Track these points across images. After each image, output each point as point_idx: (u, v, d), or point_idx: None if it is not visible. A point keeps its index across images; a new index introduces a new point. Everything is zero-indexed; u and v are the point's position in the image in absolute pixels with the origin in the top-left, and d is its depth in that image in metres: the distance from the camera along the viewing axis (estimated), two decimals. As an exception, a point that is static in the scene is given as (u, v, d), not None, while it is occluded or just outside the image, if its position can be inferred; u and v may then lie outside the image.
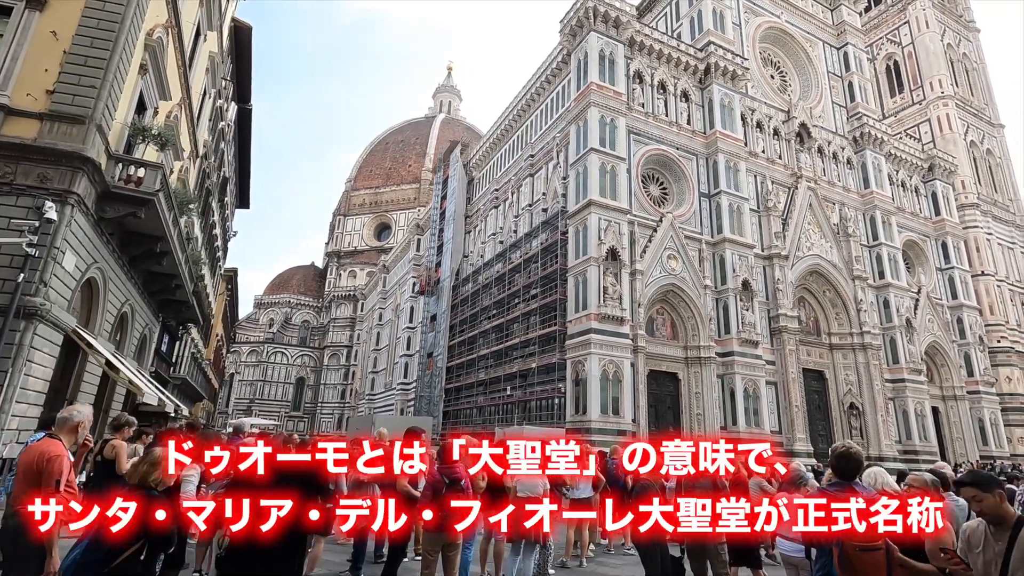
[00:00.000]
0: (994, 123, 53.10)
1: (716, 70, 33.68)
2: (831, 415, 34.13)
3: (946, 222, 42.90)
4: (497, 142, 43.12)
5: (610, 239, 27.15)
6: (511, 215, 38.26)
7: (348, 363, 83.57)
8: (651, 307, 29.40)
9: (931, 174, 44.12)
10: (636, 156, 30.72)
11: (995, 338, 42.91)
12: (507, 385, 32.34)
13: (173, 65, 15.50)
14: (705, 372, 28.88)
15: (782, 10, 40.64)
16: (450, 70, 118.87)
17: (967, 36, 55.38)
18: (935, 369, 39.39)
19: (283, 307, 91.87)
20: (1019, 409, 41.47)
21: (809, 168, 36.77)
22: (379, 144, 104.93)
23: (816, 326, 35.77)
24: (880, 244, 37.83)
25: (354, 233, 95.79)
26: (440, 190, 50.41)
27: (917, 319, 37.75)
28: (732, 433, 27.86)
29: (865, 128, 39.79)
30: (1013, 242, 48.73)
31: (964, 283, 42.05)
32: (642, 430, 26.23)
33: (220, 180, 28.69)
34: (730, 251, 30.77)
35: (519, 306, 32.99)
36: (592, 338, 25.52)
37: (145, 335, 18.42)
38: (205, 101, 21.50)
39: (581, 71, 30.56)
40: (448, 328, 42.90)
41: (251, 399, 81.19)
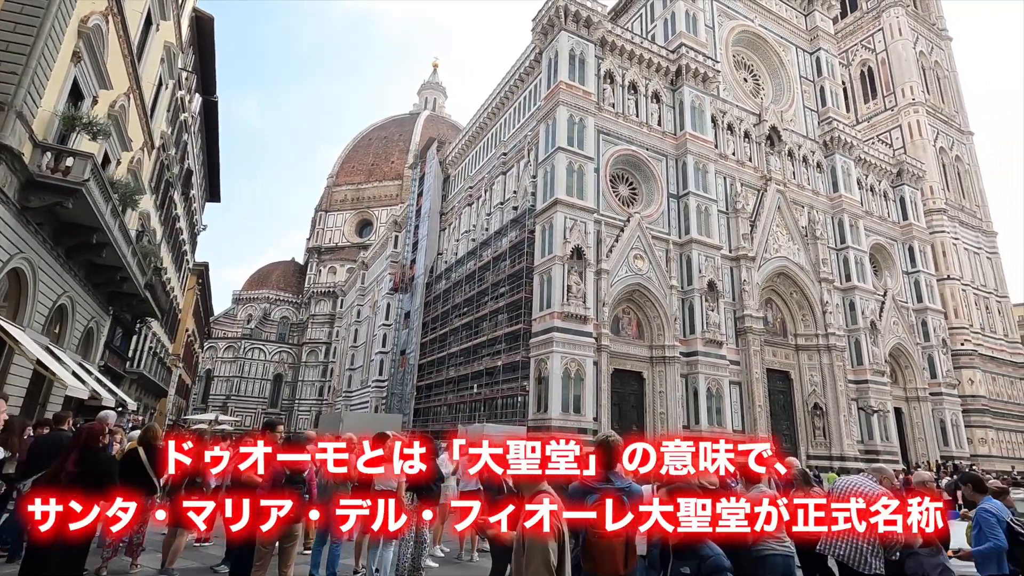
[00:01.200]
0: (963, 130, 54.11)
1: (687, 72, 33.91)
2: (795, 415, 34.59)
3: (913, 226, 43.65)
4: (472, 140, 43.06)
5: (575, 238, 27.23)
6: (483, 213, 38.25)
7: (327, 360, 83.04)
8: (617, 306, 29.55)
9: (900, 179, 44.86)
10: (605, 156, 30.84)
11: (959, 341, 43.80)
12: (474, 383, 32.32)
13: (117, 53, 15.22)
14: (669, 371, 29.09)
15: (756, 14, 41.04)
16: (435, 67, 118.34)
17: (939, 44, 56.37)
18: (899, 371, 40.09)
19: (262, 303, 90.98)
20: (980, 411, 42.38)
21: (779, 171, 37.20)
22: (362, 140, 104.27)
23: (783, 327, 36.22)
24: (847, 247, 38.39)
25: (335, 229, 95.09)
26: (417, 187, 50.24)
27: (882, 322, 38.37)
28: (694, 432, 28.12)
29: (835, 132, 40.32)
30: (979, 247, 49.75)
31: (929, 287, 42.83)
32: (604, 429, 26.35)
33: (183, 172, 28.29)
34: (697, 252, 31.03)
35: (488, 304, 33.00)
36: (555, 336, 25.59)
37: (92, 328, 18.10)
38: (161, 92, 21.15)
39: (551, 70, 30.62)
40: (421, 326, 42.78)
41: (227, 395, 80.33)
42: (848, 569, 4.81)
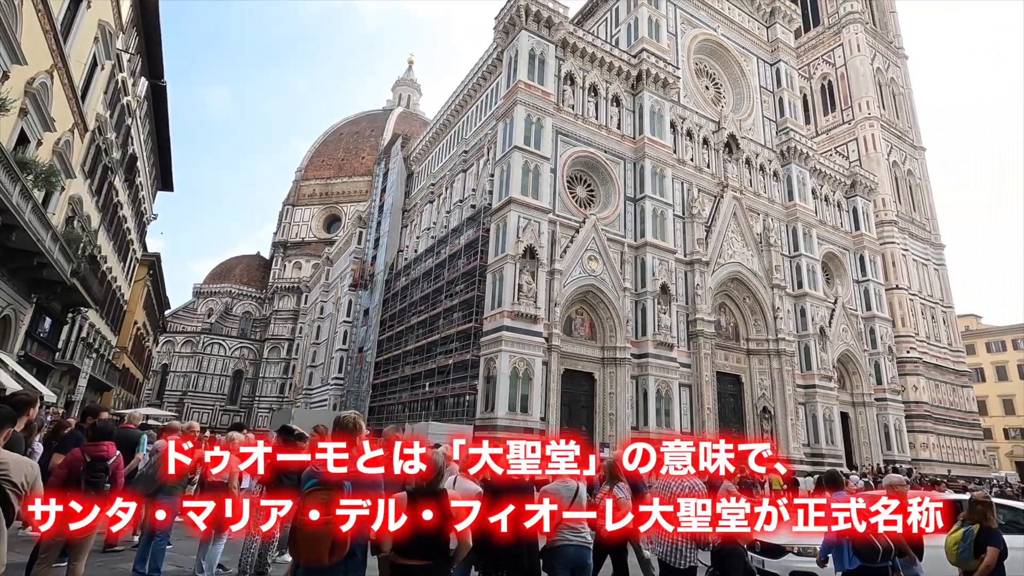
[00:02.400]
0: (916, 145, 56.05)
1: (648, 77, 34.27)
2: (745, 418, 35.23)
3: (864, 237, 44.98)
4: (436, 137, 42.75)
5: (528, 237, 27.21)
6: (444, 210, 38.00)
7: (289, 357, 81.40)
8: (570, 307, 29.63)
9: (853, 190, 46.19)
10: (563, 157, 30.92)
11: (905, 349, 45.29)
12: (427, 381, 32.01)
13: (36, 29, 14.57)
14: (620, 373, 29.30)
15: (719, 24, 41.77)
16: (411, 63, 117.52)
17: (896, 62, 58.31)
18: (847, 376, 41.23)
19: (224, 297, 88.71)
20: (923, 416, 43.87)
21: (736, 178, 37.88)
22: (333, 134, 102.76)
23: (736, 331, 36.87)
24: (800, 255, 39.31)
25: (302, 224, 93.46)
26: (380, 183, 49.65)
27: (832, 328, 39.40)
28: (643, 433, 28.37)
29: (792, 143, 41.29)
30: (927, 259, 51.56)
31: (878, 295, 44.18)
32: (552, 429, 26.38)
33: (126, 158, 27.29)
34: (651, 255, 31.34)
35: (443, 302, 32.75)
36: (504, 335, 25.50)
37: (8, 316, 17.26)
38: (97, 72, 20.36)
39: (511, 69, 30.56)
40: (379, 323, 42.23)
41: (184, 391, 78.13)
42: (667, 566, 4.90)
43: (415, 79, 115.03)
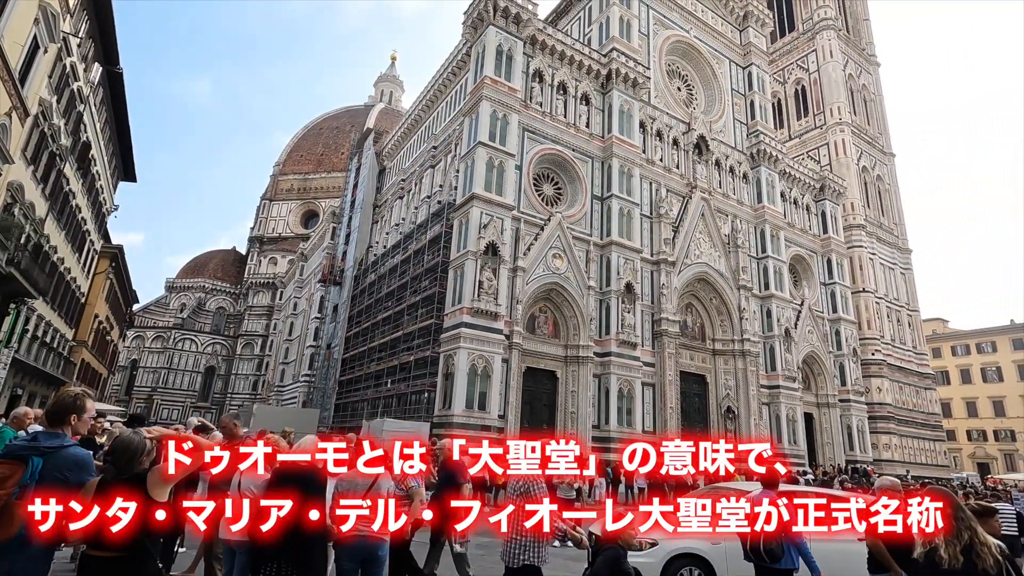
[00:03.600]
0: (886, 152, 56.99)
1: (617, 76, 34.28)
2: (710, 418, 35.43)
3: (832, 240, 45.56)
4: (408, 132, 42.40)
5: (490, 234, 27.01)
6: (412, 206, 37.68)
7: (263, 353, 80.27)
8: (533, 305, 29.52)
9: (822, 194, 46.76)
10: (529, 154, 30.79)
11: (870, 351, 45.99)
12: (389, 378, 31.67)
13: (-41, 5, 14.01)
14: (582, 371, 29.25)
15: (692, 26, 41.98)
16: (394, 59, 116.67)
17: (868, 69, 59.24)
18: (812, 377, 41.72)
19: (197, 292, 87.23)
20: (886, 417, 44.59)
21: (704, 179, 38.08)
22: (312, 129, 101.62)
23: (702, 332, 37.07)
24: (767, 257, 39.66)
25: (279, 219, 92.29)
26: (353, 178, 49.13)
27: (797, 330, 39.82)
28: (604, 432, 28.45)
29: (761, 146, 41.65)
30: (894, 263, 52.44)
31: (844, 298, 44.77)
32: (511, 427, 26.25)
33: (78, 145, 26.55)
34: (616, 254, 31.34)
35: (408, 298, 32.45)
36: (463, 332, 25.29)
37: (-65, 304, 16.62)
38: (38, 56, 19.74)
39: (478, 65, 30.36)
40: (347, 319, 41.76)
41: (153, 387, 76.59)
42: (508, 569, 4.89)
43: (398, 75, 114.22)
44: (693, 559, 6.91)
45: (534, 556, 4.73)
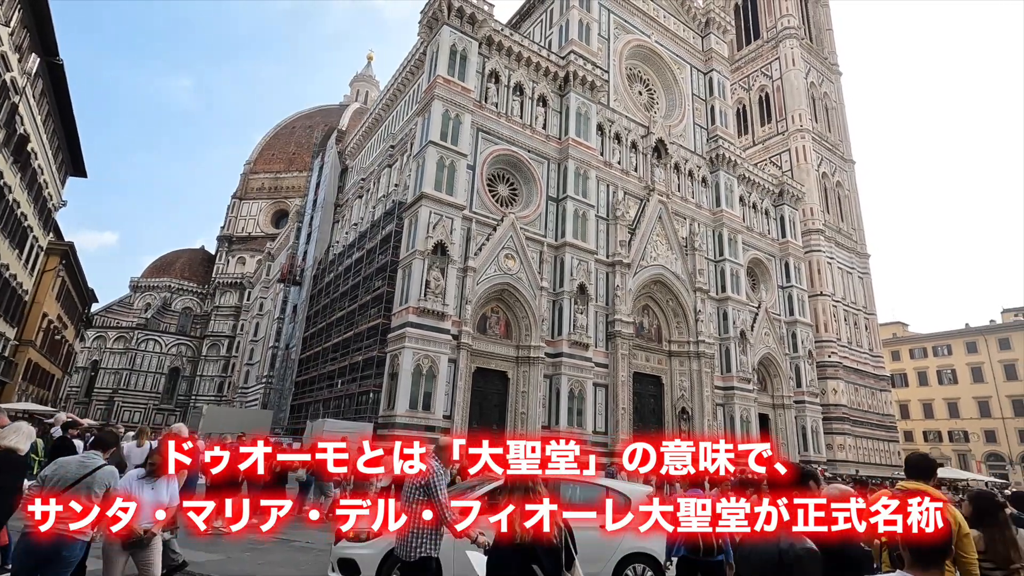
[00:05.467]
0: (846, 159, 58.25)
1: (575, 78, 34.47)
2: (665, 419, 35.70)
3: (790, 244, 46.34)
4: (369, 131, 42.13)
5: (439, 234, 26.90)
6: (370, 205, 37.38)
7: (229, 354, 78.92)
8: (485, 305, 29.46)
9: (781, 199, 47.56)
10: (483, 154, 30.75)
11: (826, 353, 46.85)
12: (340, 379, 31.33)
13: None
14: (533, 372, 29.25)
15: (653, 31, 42.45)
16: (370, 59, 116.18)
17: (830, 77, 60.54)
18: (768, 379, 42.34)
19: (163, 291, 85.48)
20: (841, 419, 45.45)
21: (663, 183, 38.44)
22: (285, 127, 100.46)
23: (658, 333, 37.38)
24: (725, 260, 40.17)
25: (249, 218, 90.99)
26: (316, 177, 48.64)
27: (754, 332, 40.39)
28: (553, 432, 28.38)
29: (720, 150, 42.23)
30: (852, 267, 53.57)
31: (801, 301, 45.56)
32: (458, 427, 26.12)
33: (12, 138, 25.78)
34: (570, 255, 31.44)
35: (360, 297, 32.16)
36: (408, 332, 25.11)
37: None
38: (-40, 43, 19.13)
39: (432, 64, 30.26)
40: (305, 319, 41.25)
41: (114, 389, 74.74)
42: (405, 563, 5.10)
43: (374, 75, 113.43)
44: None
45: (431, 547, 4.93)
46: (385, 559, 6.40)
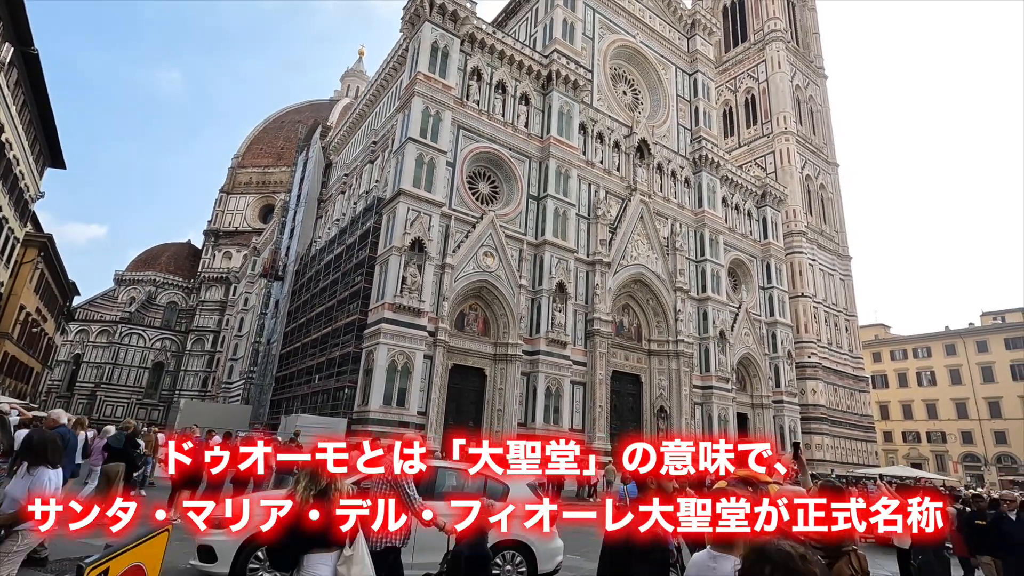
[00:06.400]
0: (830, 162, 58.77)
1: (558, 78, 34.55)
2: (643, 417, 35.96)
3: (772, 245, 46.72)
4: (353, 127, 42.02)
5: (416, 230, 26.92)
6: (352, 201, 37.30)
7: (214, 350, 78.45)
8: (463, 302, 29.53)
9: (764, 200, 47.92)
10: (464, 152, 30.78)
11: (806, 354, 47.32)
12: (317, 375, 31.29)
13: None
14: (511, 369, 29.35)
15: (638, 31, 42.60)
16: (361, 54, 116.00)
17: (815, 81, 61.02)
18: (748, 379, 42.72)
19: (147, 285, 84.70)
20: (819, 419, 45.95)
21: (645, 182, 38.65)
22: (274, 122, 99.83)
23: (639, 332, 37.61)
24: (706, 260, 40.47)
25: (237, 212, 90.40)
26: (300, 172, 48.43)
27: (734, 332, 40.73)
28: (529, 430, 28.56)
29: (704, 151, 42.49)
30: (834, 269, 54.12)
31: (782, 302, 45.97)
32: (433, 423, 26.20)
33: (-15, 128, 25.52)
34: (550, 253, 31.56)
35: (339, 293, 32.11)
36: (383, 328, 25.13)
37: None
38: (-73, 31, 18.91)
39: (413, 61, 30.23)
40: (287, 314, 41.12)
41: (97, 383, 74.07)
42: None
43: (364, 70, 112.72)
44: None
45: (397, 539, 5.21)
46: (242, 548, 6.59)
